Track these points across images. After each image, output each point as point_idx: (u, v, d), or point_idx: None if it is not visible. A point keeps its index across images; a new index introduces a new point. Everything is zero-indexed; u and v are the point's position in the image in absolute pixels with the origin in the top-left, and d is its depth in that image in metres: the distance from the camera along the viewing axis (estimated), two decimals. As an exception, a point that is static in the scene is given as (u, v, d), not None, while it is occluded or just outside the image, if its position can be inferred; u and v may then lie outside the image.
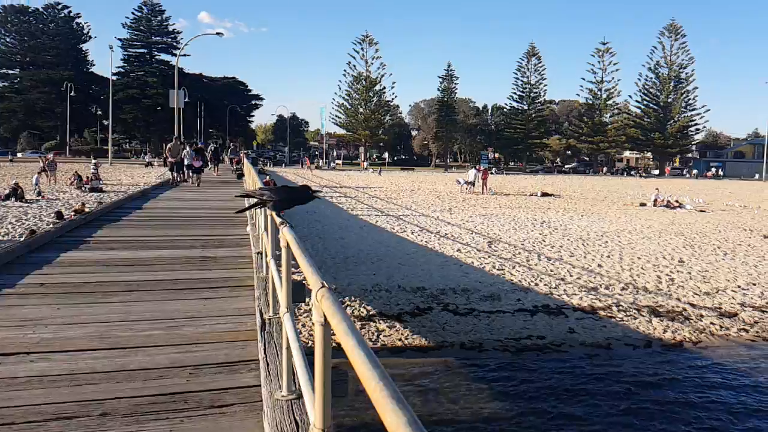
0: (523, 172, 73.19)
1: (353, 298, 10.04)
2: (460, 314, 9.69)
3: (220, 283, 5.38)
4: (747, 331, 9.64)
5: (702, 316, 10.15)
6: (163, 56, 77.89)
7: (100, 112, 76.71)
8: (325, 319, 1.43)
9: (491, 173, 41.11)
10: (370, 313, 9.53)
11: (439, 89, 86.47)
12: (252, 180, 9.23)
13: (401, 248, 14.08)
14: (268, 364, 3.19)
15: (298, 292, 2.89)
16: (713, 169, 73.68)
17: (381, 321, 9.23)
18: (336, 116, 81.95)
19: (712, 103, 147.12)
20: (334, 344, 1.51)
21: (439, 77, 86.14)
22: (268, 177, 24.45)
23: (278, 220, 3.05)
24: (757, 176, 68.68)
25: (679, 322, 9.79)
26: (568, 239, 16.03)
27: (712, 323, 9.82)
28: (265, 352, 3.37)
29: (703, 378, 7.83)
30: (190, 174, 19.60)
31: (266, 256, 4.39)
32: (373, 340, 8.50)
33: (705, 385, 7.58)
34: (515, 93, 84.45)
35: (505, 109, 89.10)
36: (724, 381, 7.75)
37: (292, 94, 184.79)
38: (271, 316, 3.94)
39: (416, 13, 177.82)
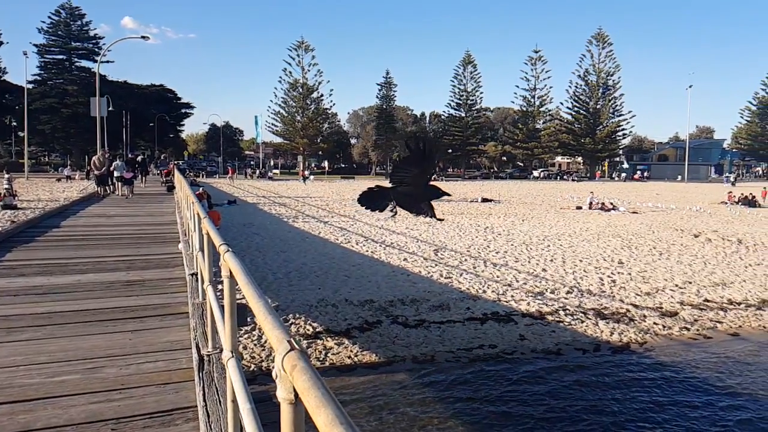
0: (461, 179, 74.33)
1: (298, 315, 9.51)
2: (411, 326, 9.38)
3: (148, 311, 4.75)
4: (688, 329, 9.83)
5: (645, 316, 10.29)
6: (84, 63, 73.06)
7: (15, 124, 71.42)
8: (297, 396, 1.00)
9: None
10: (317, 330, 9.04)
11: (377, 97, 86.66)
12: (184, 193, 8.54)
13: (347, 260, 13.63)
14: (208, 415, 2.67)
15: (240, 316, 2.43)
16: (639, 172, 77.59)
17: (328, 338, 8.77)
18: (272, 124, 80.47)
19: (637, 109, 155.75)
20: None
21: (378, 84, 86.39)
22: (201, 189, 23.36)
23: (218, 241, 2.55)
24: (679, 178, 72.74)
25: (624, 324, 9.87)
26: (512, 244, 16.08)
27: (655, 323, 9.97)
28: (204, 398, 2.85)
29: (652, 379, 7.89)
30: (120, 186, 19.02)
31: (203, 281, 3.85)
32: (321, 359, 8.03)
33: (654, 386, 7.66)
34: (453, 100, 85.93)
35: (442, 117, 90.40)
36: (671, 380, 7.85)
37: (225, 102, 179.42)
38: (211, 352, 3.41)
39: (351, 20, 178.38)
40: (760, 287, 12.20)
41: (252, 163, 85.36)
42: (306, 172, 60.71)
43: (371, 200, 3.63)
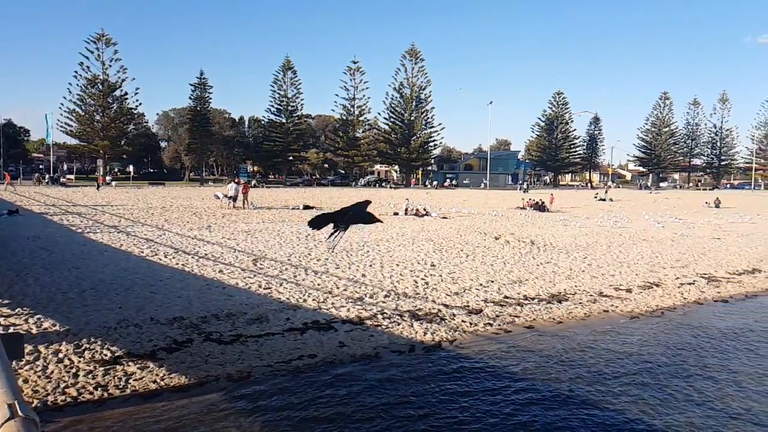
0: (283, 185, 73.61)
1: (93, 339, 8.37)
2: (226, 342, 8.81)
3: None
4: (491, 325, 10.62)
5: (455, 315, 10.92)
6: None
7: None
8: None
9: (252, 186, 40.14)
10: (116, 354, 8.03)
11: (191, 98, 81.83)
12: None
13: (153, 274, 12.42)
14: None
15: (11, 348, 1.89)
16: (448, 180, 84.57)
17: (130, 362, 7.83)
18: (66, 124, 71.51)
19: (446, 122, 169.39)
20: None
21: (191, 85, 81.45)
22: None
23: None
24: (482, 185, 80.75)
25: (436, 324, 10.37)
26: (333, 251, 16.13)
27: (463, 321, 10.62)
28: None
29: (459, 371, 8.42)
30: None
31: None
32: (121, 387, 7.11)
33: (460, 378, 8.15)
34: (273, 106, 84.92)
35: (263, 122, 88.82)
36: (475, 371, 8.42)
37: (6, 97, 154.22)
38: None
39: (161, 14, 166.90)
40: (549, 283, 13.79)
41: (42, 167, 74.91)
42: (108, 177, 54.93)
43: (319, 223, 4.72)
